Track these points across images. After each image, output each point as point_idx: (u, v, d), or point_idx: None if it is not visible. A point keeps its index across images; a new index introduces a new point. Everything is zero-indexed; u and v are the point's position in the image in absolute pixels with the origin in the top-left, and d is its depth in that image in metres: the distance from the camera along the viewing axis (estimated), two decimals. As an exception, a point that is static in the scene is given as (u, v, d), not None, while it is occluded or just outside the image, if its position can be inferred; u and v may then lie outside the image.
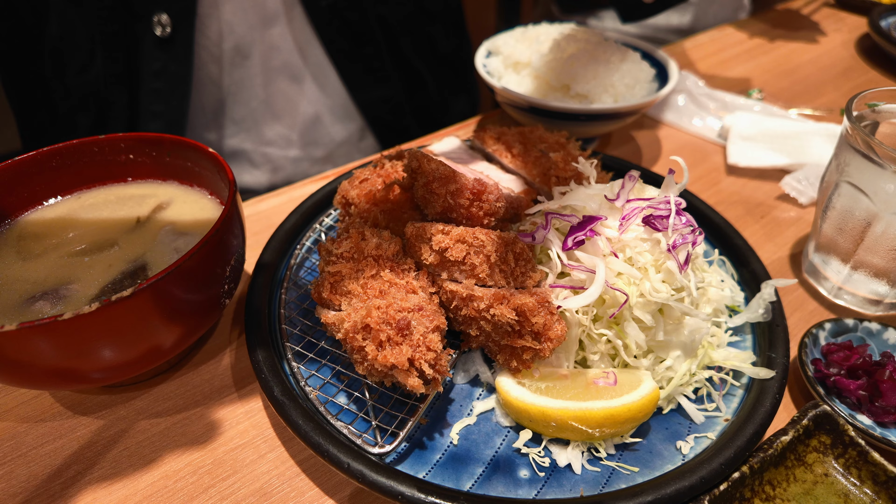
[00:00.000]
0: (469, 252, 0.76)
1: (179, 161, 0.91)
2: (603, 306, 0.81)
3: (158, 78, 1.43)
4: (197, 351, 0.89)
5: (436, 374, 0.70)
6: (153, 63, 1.42)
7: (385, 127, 1.70)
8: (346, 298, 0.76)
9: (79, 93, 1.46)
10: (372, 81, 1.61)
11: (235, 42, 1.47)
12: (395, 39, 1.63)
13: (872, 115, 0.95)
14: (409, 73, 1.71)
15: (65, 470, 0.74)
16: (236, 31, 1.45)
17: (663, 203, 0.82)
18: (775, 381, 0.78)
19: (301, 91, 1.59)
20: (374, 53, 1.57)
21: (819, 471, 0.72)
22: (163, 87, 1.44)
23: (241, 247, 0.82)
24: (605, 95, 1.23)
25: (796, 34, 1.97)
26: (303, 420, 0.71)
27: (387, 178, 0.91)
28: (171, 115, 1.47)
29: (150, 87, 1.44)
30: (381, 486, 0.65)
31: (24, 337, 0.60)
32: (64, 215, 0.87)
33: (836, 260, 0.98)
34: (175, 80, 1.43)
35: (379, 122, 1.68)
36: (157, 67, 1.42)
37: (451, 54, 1.82)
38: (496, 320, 0.74)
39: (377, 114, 1.67)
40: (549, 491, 0.70)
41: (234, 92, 1.54)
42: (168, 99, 1.45)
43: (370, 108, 1.65)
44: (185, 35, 1.39)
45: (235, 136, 1.61)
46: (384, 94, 1.64)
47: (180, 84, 1.44)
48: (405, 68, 1.70)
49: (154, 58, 1.41)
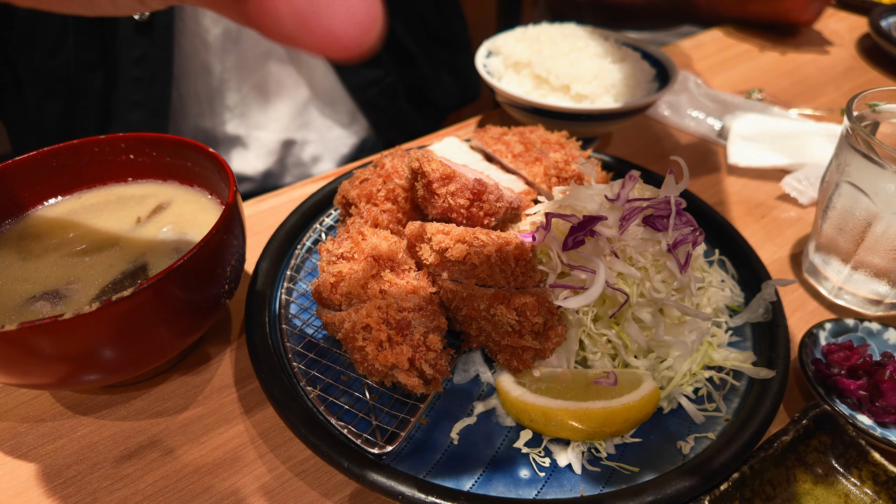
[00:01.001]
0: (469, 252, 0.76)
1: (180, 161, 0.91)
2: (603, 306, 0.81)
3: (139, 65, 1.37)
4: (197, 351, 0.89)
5: (436, 374, 0.70)
6: (133, 50, 1.36)
7: (376, 110, 1.68)
8: (346, 298, 0.76)
9: (48, 78, 1.39)
10: (361, 63, 1.58)
11: (225, 27, 1.44)
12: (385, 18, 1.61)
13: (873, 115, 0.95)
14: (400, 54, 1.68)
15: (65, 470, 0.74)
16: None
17: (664, 203, 0.82)
18: (776, 381, 0.78)
19: (291, 75, 1.57)
20: None
21: (819, 471, 0.72)
22: (144, 74, 1.38)
23: (241, 247, 0.82)
24: (605, 95, 1.23)
25: (797, 34, 1.97)
26: (303, 420, 0.71)
27: (387, 178, 0.91)
28: (153, 104, 1.41)
29: (129, 76, 1.38)
30: (381, 487, 0.65)
31: (24, 337, 0.60)
32: (64, 215, 0.87)
33: (836, 260, 0.98)
34: (157, 66, 1.38)
35: (370, 105, 1.66)
36: (137, 54, 1.36)
37: (443, 32, 1.80)
38: (496, 320, 0.74)
39: (368, 96, 1.64)
40: (550, 491, 0.70)
41: (227, 79, 1.52)
42: (149, 87, 1.40)
43: (360, 91, 1.62)
44: (163, 18, 1.34)
45: (229, 122, 1.59)
46: (374, 75, 1.62)
47: (162, 70, 1.39)
48: (396, 48, 1.67)
49: (134, 44, 1.35)
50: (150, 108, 1.42)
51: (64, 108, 1.43)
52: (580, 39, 1.33)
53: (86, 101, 1.41)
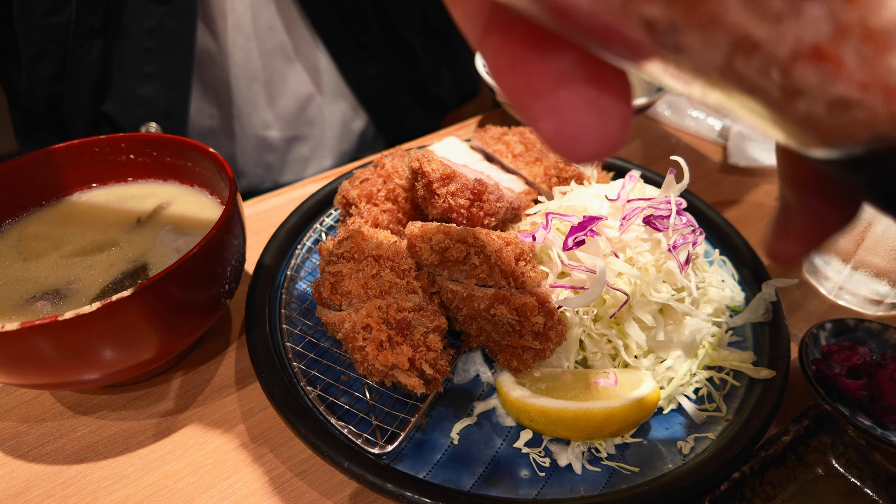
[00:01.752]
0: (469, 252, 0.76)
1: (180, 161, 0.91)
2: (603, 306, 0.81)
3: (151, 36, 1.31)
4: (197, 351, 0.89)
5: (436, 374, 0.70)
6: (145, 20, 1.30)
7: (377, 105, 1.66)
8: (346, 298, 0.76)
9: (42, 38, 1.32)
10: (363, 59, 1.57)
11: (235, 20, 1.41)
12: (386, 14, 1.57)
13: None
14: (401, 49, 1.67)
15: (65, 470, 0.74)
16: (238, 9, 1.40)
17: (664, 203, 0.82)
18: (776, 381, 0.77)
19: (296, 71, 1.56)
20: (365, 30, 1.53)
21: (820, 471, 0.72)
22: (157, 45, 1.32)
23: (241, 247, 0.82)
24: (605, 95, 1.23)
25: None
26: (303, 420, 0.71)
27: (387, 178, 0.91)
28: (168, 77, 1.35)
29: (140, 47, 1.32)
30: (381, 487, 0.65)
31: (24, 337, 0.60)
32: (64, 215, 0.88)
33: (836, 260, 0.98)
34: (174, 37, 1.32)
35: (371, 100, 1.65)
36: (150, 25, 1.30)
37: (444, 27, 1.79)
38: (497, 320, 0.74)
39: (369, 92, 1.63)
40: (550, 491, 0.70)
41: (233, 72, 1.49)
42: (164, 59, 1.33)
43: (362, 86, 1.61)
44: None
45: (232, 116, 1.57)
46: (376, 70, 1.61)
47: (181, 41, 1.33)
48: (397, 44, 1.65)
49: (147, 14, 1.29)
50: (164, 81, 1.36)
51: (56, 71, 1.35)
52: (580, 39, 1.33)
53: (80, 67, 1.33)
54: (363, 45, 1.55)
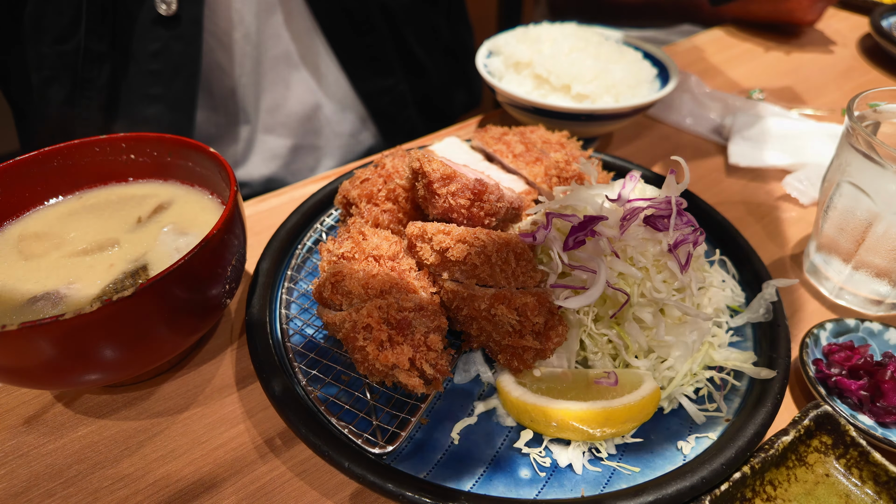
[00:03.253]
0: (470, 252, 0.76)
1: (181, 161, 0.91)
2: (604, 306, 0.81)
3: (157, 59, 1.34)
4: (197, 351, 0.89)
5: (436, 374, 0.70)
6: (151, 43, 1.32)
7: (386, 118, 1.68)
8: (346, 298, 0.76)
9: (53, 64, 1.36)
10: (374, 72, 1.59)
11: (245, 31, 1.43)
12: (398, 29, 1.61)
13: (874, 115, 0.95)
14: (411, 63, 1.69)
15: (65, 470, 0.74)
16: (246, 19, 1.42)
17: (664, 203, 0.82)
18: (776, 381, 0.77)
19: (305, 80, 1.57)
20: (377, 43, 1.55)
21: (820, 471, 0.72)
22: (162, 68, 1.35)
23: (241, 247, 0.82)
24: (606, 95, 1.23)
25: (797, 34, 1.96)
26: (304, 420, 0.71)
27: (388, 178, 0.91)
28: (173, 98, 1.38)
29: (146, 69, 1.35)
30: (381, 487, 0.65)
31: (25, 337, 0.60)
32: (65, 215, 0.88)
33: (837, 260, 0.98)
34: (180, 60, 1.35)
35: (380, 113, 1.67)
36: (155, 48, 1.33)
37: (452, 42, 1.81)
38: (497, 320, 0.74)
39: (379, 105, 1.65)
40: (550, 491, 0.70)
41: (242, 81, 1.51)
42: (170, 81, 1.37)
43: (372, 99, 1.63)
44: (192, 12, 1.31)
45: (239, 124, 1.59)
46: (386, 84, 1.62)
47: (188, 64, 1.36)
48: (408, 58, 1.68)
49: (153, 37, 1.32)
50: (169, 103, 1.38)
51: (67, 95, 1.39)
52: (581, 39, 1.33)
53: (90, 91, 1.37)
54: (375, 57, 1.57)
